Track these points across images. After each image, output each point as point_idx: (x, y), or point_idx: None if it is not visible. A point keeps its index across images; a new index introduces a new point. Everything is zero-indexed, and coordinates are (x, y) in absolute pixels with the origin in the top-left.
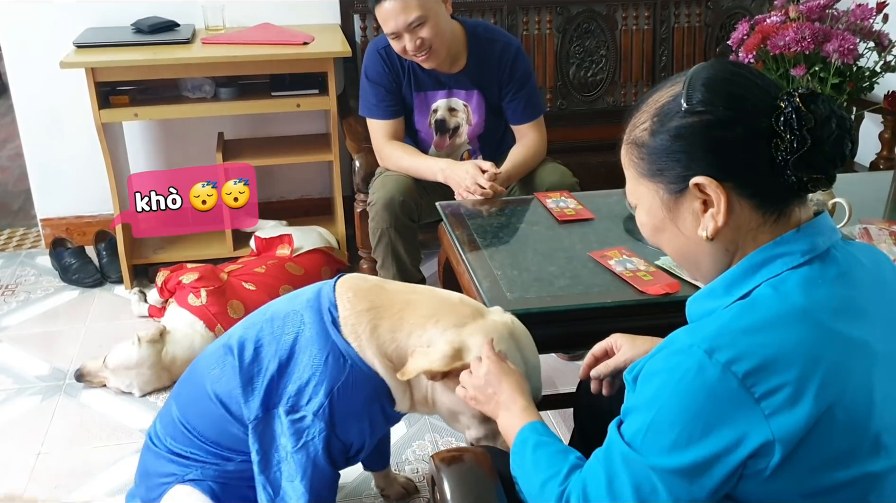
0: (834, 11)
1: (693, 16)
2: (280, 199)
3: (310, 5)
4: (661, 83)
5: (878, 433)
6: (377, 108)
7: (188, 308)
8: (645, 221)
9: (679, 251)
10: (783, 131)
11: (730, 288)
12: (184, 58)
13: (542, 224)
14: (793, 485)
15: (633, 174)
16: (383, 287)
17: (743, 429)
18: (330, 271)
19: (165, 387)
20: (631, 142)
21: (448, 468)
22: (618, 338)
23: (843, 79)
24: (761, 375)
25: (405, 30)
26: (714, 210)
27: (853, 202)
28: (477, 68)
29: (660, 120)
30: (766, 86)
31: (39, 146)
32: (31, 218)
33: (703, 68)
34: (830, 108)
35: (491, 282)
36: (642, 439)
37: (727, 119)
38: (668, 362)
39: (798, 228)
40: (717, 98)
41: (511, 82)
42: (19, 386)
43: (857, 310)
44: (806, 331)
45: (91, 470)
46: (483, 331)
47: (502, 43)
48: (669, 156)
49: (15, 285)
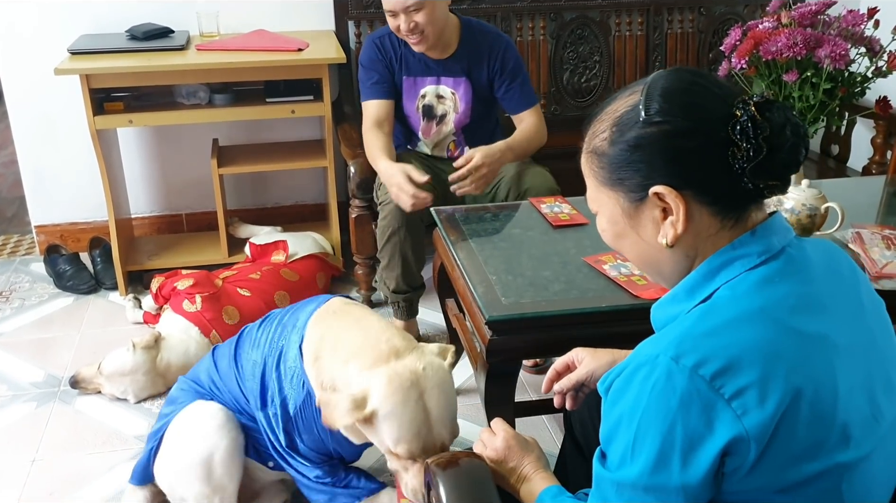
0: (826, 17)
1: (686, 22)
2: (275, 206)
3: (304, 12)
4: (620, 91)
5: (844, 424)
6: (369, 90)
7: (183, 314)
8: (606, 228)
9: (641, 257)
10: (740, 140)
11: (691, 292)
12: (178, 64)
13: (537, 229)
14: (768, 482)
15: (593, 183)
16: (339, 317)
17: (718, 429)
18: (325, 277)
19: (160, 394)
20: (591, 151)
21: (444, 472)
22: (579, 351)
23: (835, 84)
24: (727, 376)
25: (402, 10)
26: (673, 218)
27: (846, 207)
28: (467, 55)
29: (619, 129)
30: (723, 94)
31: (34, 153)
32: (26, 224)
33: (660, 77)
34: (785, 116)
35: (486, 287)
36: (631, 458)
37: (685, 129)
38: (636, 375)
39: (753, 230)
40: (675, 108)
41: (503, 73)
42: (14, 392)
43: (815, 305)
44: (765, 329)
45: (86, 476)
46: (386, 376)
47: (493, 35)
48: (629, 165)
49: (9, 292)
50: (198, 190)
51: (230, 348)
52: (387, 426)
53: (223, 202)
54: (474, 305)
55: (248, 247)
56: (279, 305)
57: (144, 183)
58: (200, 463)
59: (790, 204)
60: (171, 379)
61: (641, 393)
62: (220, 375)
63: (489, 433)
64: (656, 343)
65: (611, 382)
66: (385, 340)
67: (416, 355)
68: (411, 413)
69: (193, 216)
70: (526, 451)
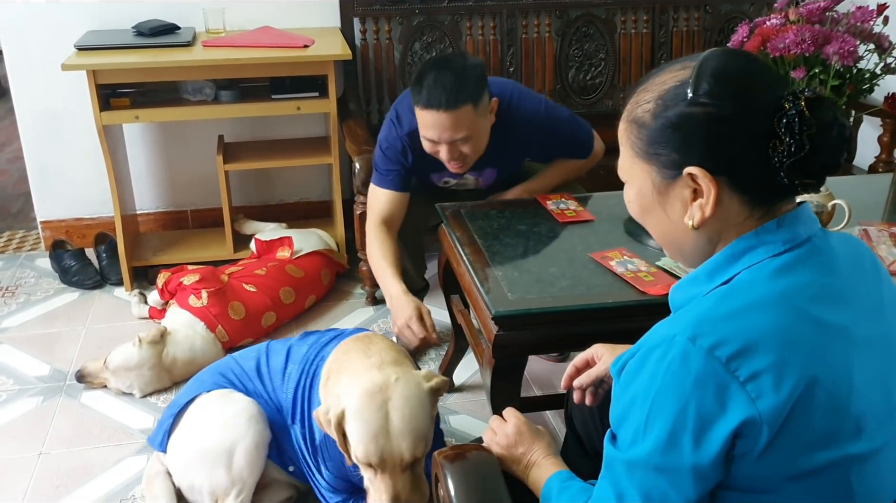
0: (834, 14)
1: (692, 20)
2: (280, 202)
3: (310, 8)
4: (670, 63)
5: (858, 416)
6: (384, 178)
7: (189, 309)
8: (633, 200)
9: (663, 234)
10: (784, 134)
11: (712, 275)
12: (184, 60)
13: (543, 225)
14: (778, 469)
15: (628, 152)
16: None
17: (731, 411)
18: (329, 274)
19: (166, 388)
20: (631, 119)
21: (452, 465)
22: (598, 348)
23: (843, 81)
24: (743, 359)
25: (446, 142)
26: (703, 200)
27: (852, 204)
28: (495, 152)
29: (663, 103)
30: (773, 83)
31: (40, 148)
32: (31, 220)
33: (714, 56)
34: (834, 115)
35: (492, 283)
36: (643, 437)
37: (730, 115)
38: (652, 355)
39: (780, 218)
40: (724, 92)
41: (543, 148)
42: (20, 387)
43: (836, 296)
44: (784, 315)
45: (92, 470)
46: (360, 381)
47: (527, 124)
48: (667, 141)
49: (15, 287)
50: (203, 186)
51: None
52: (351, 427)
53: (228, 198)
54: (480, 301)
55: (254, 243)
56: (284, 301)
57: (150, 179)
58: (224, 450)
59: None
60: (177, 374)
61: (656, 372)
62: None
63: (499, 420)
64: (673, 323)
65: (624, 363)
66: (378, 356)
67: (397, 370)
68: (372, 416)
69: (199, 212)
70: (536, 438)
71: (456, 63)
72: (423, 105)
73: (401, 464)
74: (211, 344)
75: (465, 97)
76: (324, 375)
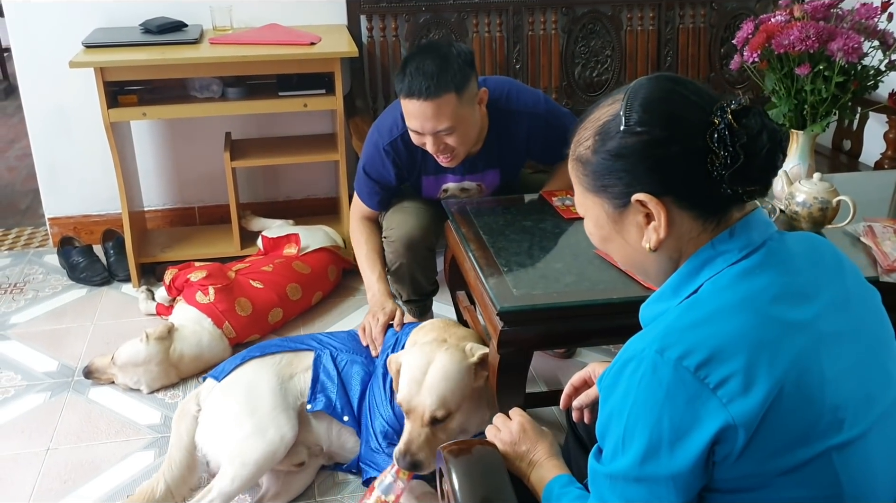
0: (838, 10)
1: (698, 17)
2: (286, 199)
3: (316, 6)
4: (604, 98)
5: (834, 408)
6: (366, 196)
7: (196, 305)
8: (593, 232)
9: (627, 259)
10: (717, 148)
11: (677, 289)
12: (192, 58)
13: (548, 221)
14: (760, 467)
15: (579, 189)
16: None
17: (705, 419)
18: (336, 270)
19: (173, 384)
20: (576, 158)
21: (456, 460)
22: (595, 366)
23: (848, 77)
24: (712, 366)
25: (430, 133)
26: (655, 223)
27: (858, 201)
28: (497, 146)
29: (601, 138)
30: (701, 102)
31: (48, 145)
32: (39, 217)
33: (640, 87)
34: (762, 122)
35: (497, 278)
36: (622, 451)
37: (664, 138)
38: (625, 370)
39: (732, 228)
40: (654, 118)
41: (546, 149)
42: (28, 382)
43: (797, 294)
44: (746, 318)
45: (99, 465)
46: (420, 344)
47: (527, 116)
48: (611, 173)
49: (23, 283)
50: (210, 183)
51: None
52: (402, 371)
53: (235, 195)
54: (486, 297)
55: (261, 240)
56: (291, 297)
57: (157, 176)
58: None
59: (802, 197)
60: (184, 370)
61: (630, 387)
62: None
63: (504, 418)
64: (642, 338)
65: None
66: (447, 331)
67: (454, 343)
68: (414, 368)
69: (206, 209)
70: (540, 437)
71: (440, 50)
72: (405, 94)
73: (423, 417)
74: (218, 340)
75: (447, 85)
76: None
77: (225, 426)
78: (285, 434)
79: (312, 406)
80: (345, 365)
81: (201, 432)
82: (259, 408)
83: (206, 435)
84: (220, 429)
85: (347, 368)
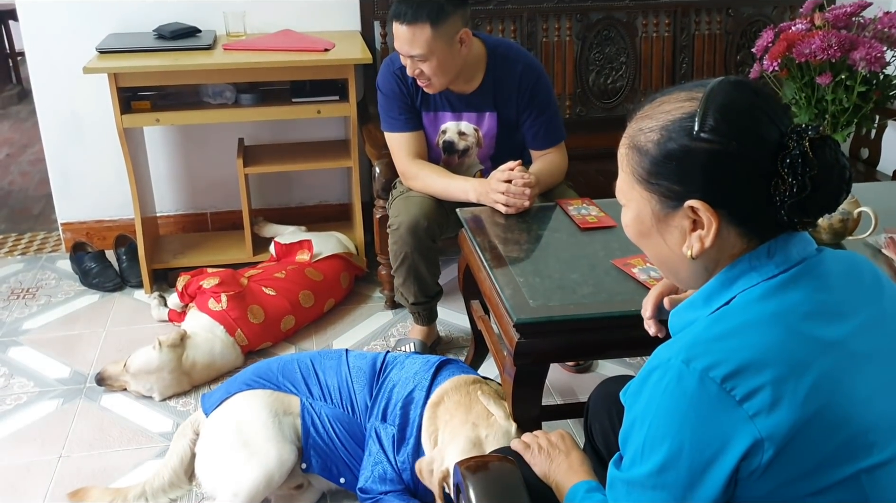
0: (861, 19)
1: (714, 23)
2: (299, 205)
3: (330, 12)
4: (676, 88)
5: (865, 431)
6: (396, 122)
7: (208, 313)
8: (631, 224)
9: (660, 258)
10: (787, 174)
11: (708, 299)
12: (205, 64)
13: (564, 231)
14: (790, 489)
15: (628, 177)
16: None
17: (730, 432)
18: (349, 277)
19: (185, 392)
20: (633, 145)
21: (474, 476)
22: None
23: (870, 87)
24: (739, 378)
25: (407, 56)
26: (702, 232)
27: (879, 211)
28: (493, 87)
29: (668, 134)
30: (778, 119)
31: (61, 151)
32: (52, 222)
33: (721, 91)
34: (836, 157)
35: (513, 289)
36: (641, 459)
37: (735, 153)
38: (650, 378)
39: (771, 243)
40: (730, 129)
41: (531, 106)
42: (40, 389)
43: (832, 313)
44: (776, 333)
45: (111, 473)
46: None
47: (524, 64)
48: (670, 172)
49: (36, 289)
50: (223, 189)
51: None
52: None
53: (248, 201)
54: (501, 307)
55: (273, 246)
56: (304, 305)
57: (170, 182)
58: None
59: None
60: (196, 377)
61: (654, 396)
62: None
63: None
64: (669, 347)
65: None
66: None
67: (489, 424)
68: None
69: (218, 215)
70: (576, 447)
71: None
72: (392, 17)
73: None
74: (230, 347)
75: (423, 16)
76: (427, 423)
77: (221, 456)
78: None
79: (306, 467)
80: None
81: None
82: (254, 436)
83: (203, 466)
84: (215, 459)
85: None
